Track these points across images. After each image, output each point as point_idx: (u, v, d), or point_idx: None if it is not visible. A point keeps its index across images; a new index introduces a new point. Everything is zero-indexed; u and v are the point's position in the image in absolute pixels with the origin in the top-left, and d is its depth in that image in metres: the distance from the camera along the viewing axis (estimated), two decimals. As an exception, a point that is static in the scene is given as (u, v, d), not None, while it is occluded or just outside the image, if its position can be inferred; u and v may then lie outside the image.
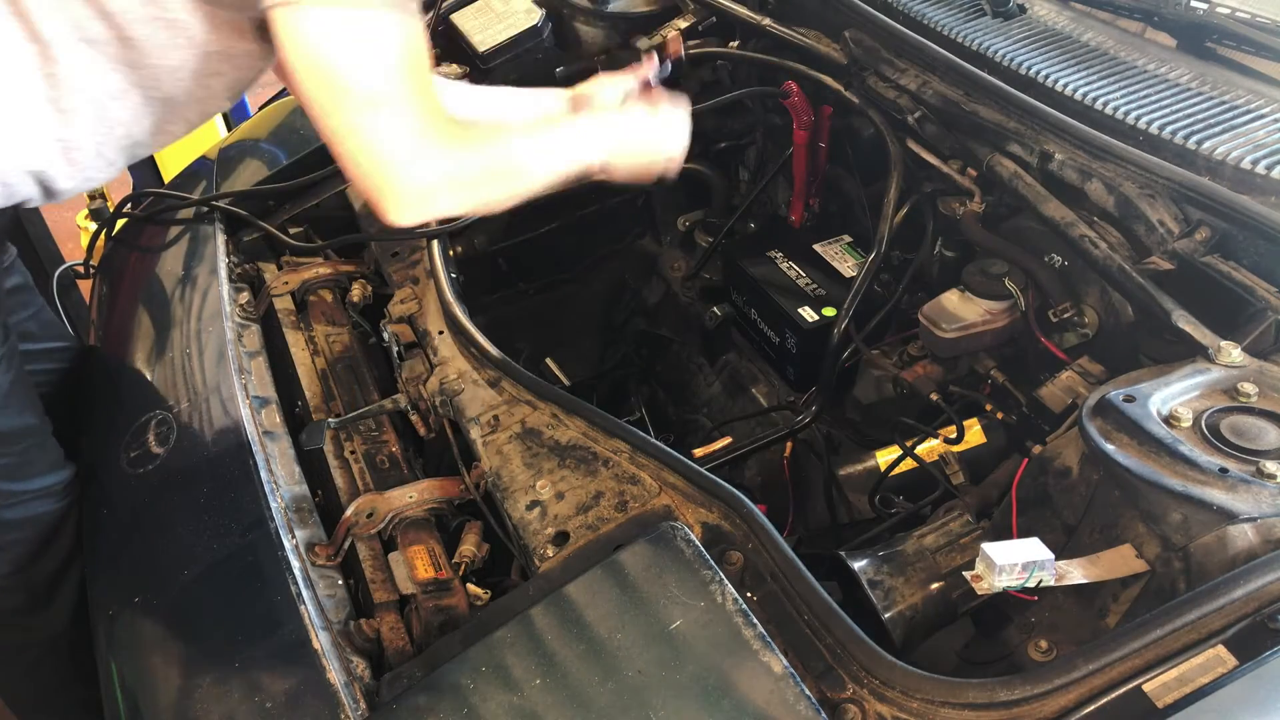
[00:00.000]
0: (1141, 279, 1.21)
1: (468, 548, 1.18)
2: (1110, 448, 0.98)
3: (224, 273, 1.57)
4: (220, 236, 1.67)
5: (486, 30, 1.96)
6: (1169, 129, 1.32)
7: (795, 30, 1.77)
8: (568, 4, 2.00)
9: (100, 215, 1.92)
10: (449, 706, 0.91)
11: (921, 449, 1.39)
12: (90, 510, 1.41)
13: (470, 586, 1.12)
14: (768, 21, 1.81)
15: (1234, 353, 1.08)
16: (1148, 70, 1.47)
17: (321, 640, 1.03)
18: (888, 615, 1.07)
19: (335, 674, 1.00)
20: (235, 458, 1.26)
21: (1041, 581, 0.94)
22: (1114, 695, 0.80)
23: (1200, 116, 1.34)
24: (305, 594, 1.08)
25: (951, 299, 1.42)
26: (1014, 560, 0.94)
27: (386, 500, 1.22)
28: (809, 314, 1.61)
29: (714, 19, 1.94)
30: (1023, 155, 1.40)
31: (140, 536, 1.29)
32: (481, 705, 0.90)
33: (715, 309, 1.86)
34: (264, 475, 1.22)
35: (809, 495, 1.62)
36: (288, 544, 1.14)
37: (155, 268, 1.69)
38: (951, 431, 1.36)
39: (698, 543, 0.99)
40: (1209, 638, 0.81)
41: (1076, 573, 0.96)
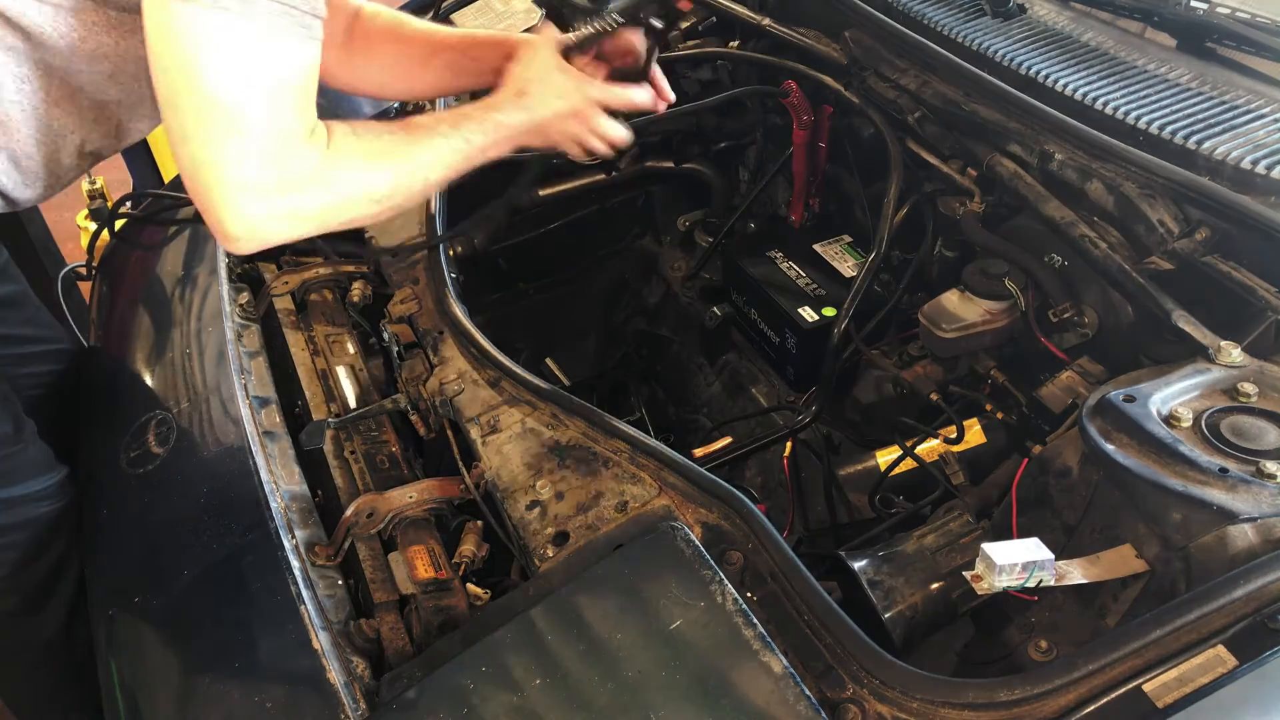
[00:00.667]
0: (1141, 279, 1.21)
1: (468, 548, 1.18)
2: (1110, 448, 0.98)
3: (224, 273, 1.57)
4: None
5: (487, 30, 1.96)
6: (1169, 129, 1.32)
7: (795, 30, 1.77)
8: (568, 4, 2.00)
9: (100, 215, 1.92)
10: (449, 706, 0.91)
11: (921, 449, 1.39)
12: (90, 510, 1.41)
13: (470, 586, 1.12)
14: (767, 21, 1.81)
15: (1234, 353, 1.08)
16: (1148, 70, 1.47)
17: (321, 640, 1.03)
18: (888, 615, 1.07)
19: (335, 674, 1.00)
20: (235, 458, 1.26)
21: (1041, 581, 0.94)
22: (1114, 695, 0.80)
23: (1200, 116, 1.34)
24: (305, 594, 1.08)
25: (951, 299, 1.42)
26: (1014, 560, 0.94)
27: (386, 500, 1.22)
28: (809, 314, 1.61)
29: (714, 19, 1.94)
30: (1023, 155, 1.40)
31: (140, 536, 1.29)
32: (481, 705, 0.90)
33: (715, 309, 1.86)
34: (264, 475, 1.22)
35: (809, 495, 1.61)
36: (288, 544, 1.14)
37: (155, 268, 1.69)
38: (951, 431, 1.36)
39: (698, 543, 0.99)
40: (1209, 638, 0.81)
41: (1076, 573, 0.96)
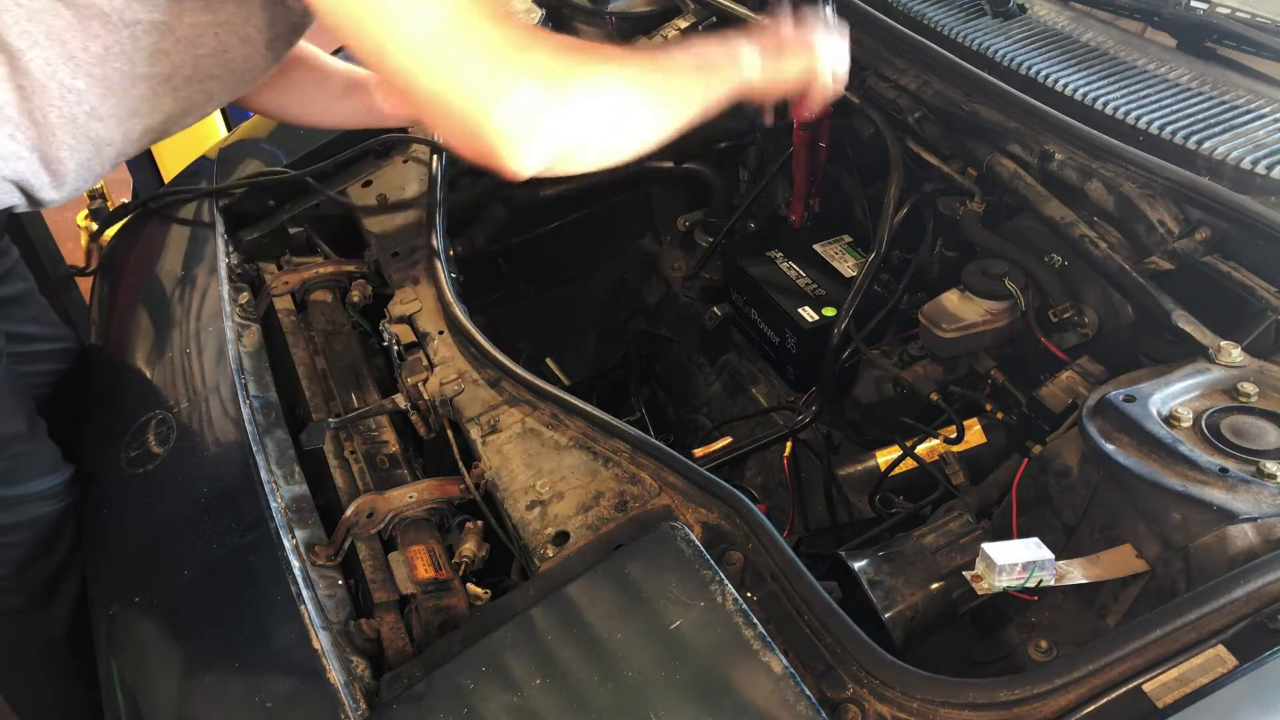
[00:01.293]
0: (1141, 279, 1.21)
1: (468, 548, 1.18)
2: (1110, 448, 0.98)
3: (224, 273, 1.57)
4: (220, 236, 1.67)
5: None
6: (1169, 129, 1.32)
7: (795, 30, 1.77)
8: (568, 4, 2.00)
9: (100, 215, 1.92)
10: (449, 706, 0.91)
11: (921, 449, 1.39)
12: (90, 510, 1.40)
13: (470, 586, 1.12)
14: (768, 21, 1.81)
15: (1234, 353, 1.08)
16: (1148, 70, 1.47)
17: (321, 640, 1.03)
18: (888, 615, 1.07)
19: (335, 674, 1.00)
20: (235, 458, 1.26)
21: (1041, 581, 0.94)
22: (1114, 695, 0.80)
23: (1200, 116, 1.34)
24: (305, 594, 1.08)
25: (951, 299, 1.42)
26: (1014, 560, 0.94)
27: (386, 500, 1.22)
28: (809, 314, 1.61)
29: (714, 19, 1.94)
30: (1023, 155, 1.40)
31: (140, 536, 1.29)
32: (481, 705, 0.90)
33: (715, 309, 1.86)
34: (264, 475, 1.22)
35: (809, 495, 1.61)
36: (288, 544, 1.14)
37: (155, 268, 1.69)
38: (951, 431, 1.36)
39: (698, 543, 0.98)
40: (1209, 638, 0.81)
41: (1076, 573, 0.96)
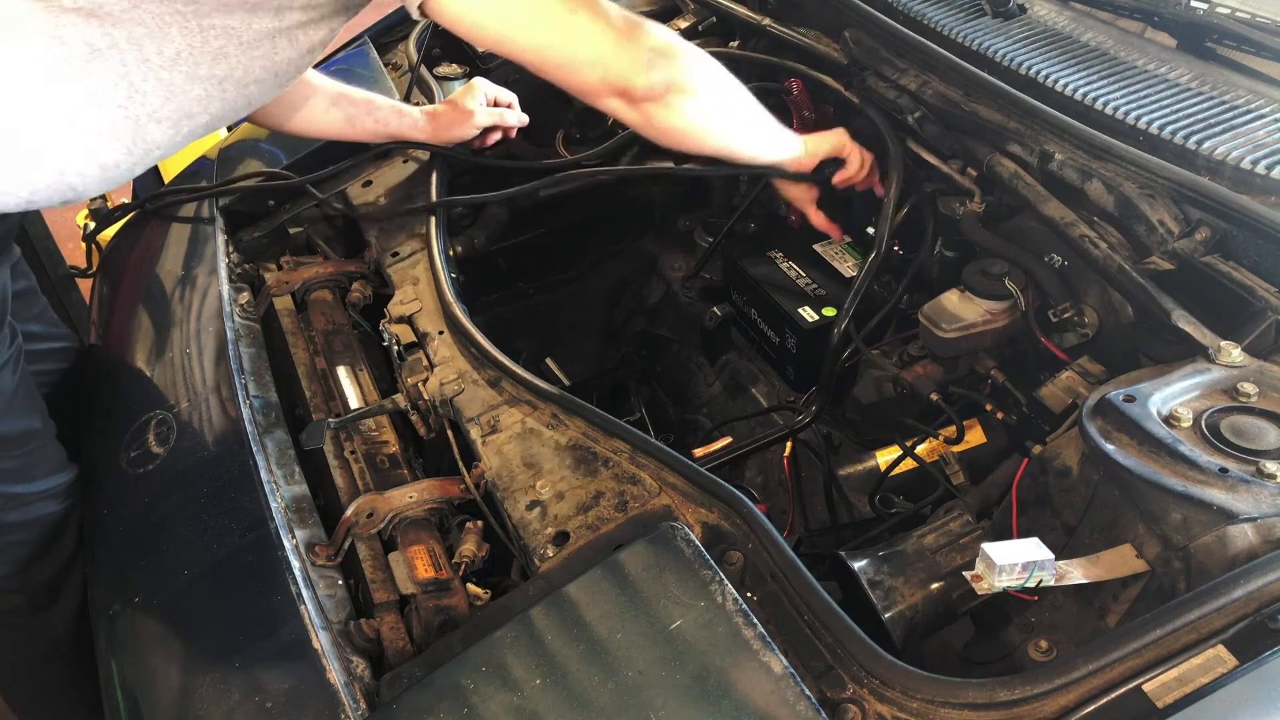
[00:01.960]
0: (1141, 279, 1.21)
1: (468, 548, 1.18)
2: (1110, 448, 0.98)
3: (224, 273, 1.57)
4: (220, 236, 1.67)
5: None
6: (1169, 129, 1.32)
7: (795, 30, 1.77)
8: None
9: (100, 215, 1.92)
10: (449, 706, 0.91)
11: (921, 449, 1.39)
12: (90, 510, 1.41)
13: (470, 586, 1.12)
14: (768, 21, 1.81)
15: (1234, 353, 1.08)
16: (1148, 70, 1.47)
17: (321, 640, 1.03)
18: (888, 615, 1.07)
19: (335, 674, 1.00)
20: (235, 458, 1.26)
21: (1041, 581, 0.94)
22: (1114, 695, 0.80)
23: (1200, 116, 1.34)
24: (305, 594, 1.08)
25: (951, 299, 1.42)
26: (1014, 560, 0.94)
27: (386, 500, 1.22)
28: (809, 314, 1.61)
29: (714, 19, 1.94)
30: (1023, 155, 1.40)
31: (140, 536, 1.29)
32: (481, 705, 0.90)
33: (715, 309, 1.86)
34: (264, 475, 1.22)
35: (809, 495, 1.61)
36: (288, 544, 1.14)
37: (155, 268, 1.69)
38: (951, 431, 1.36)
39: (698, 543, 0.98)
40: (1209, 638, 0.81)
41: (1076, 573, 0.96)
